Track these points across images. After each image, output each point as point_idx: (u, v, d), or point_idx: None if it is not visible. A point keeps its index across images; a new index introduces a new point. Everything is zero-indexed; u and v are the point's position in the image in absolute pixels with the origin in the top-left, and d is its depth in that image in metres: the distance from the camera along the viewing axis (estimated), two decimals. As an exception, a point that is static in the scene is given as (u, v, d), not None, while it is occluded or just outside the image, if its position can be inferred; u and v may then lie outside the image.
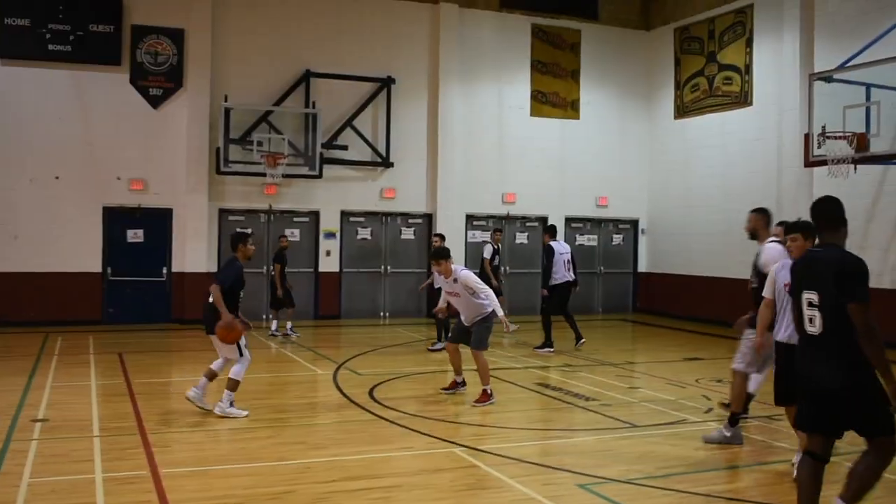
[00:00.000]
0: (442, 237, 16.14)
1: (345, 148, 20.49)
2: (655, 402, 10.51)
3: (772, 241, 8.20)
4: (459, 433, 8.88)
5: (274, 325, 17.21)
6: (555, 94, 22.82)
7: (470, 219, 21.99)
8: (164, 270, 19.07)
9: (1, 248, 17.94)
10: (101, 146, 18.76)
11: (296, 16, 20.24)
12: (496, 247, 17.05)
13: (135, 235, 18.90)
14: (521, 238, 22.60)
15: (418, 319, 20.78)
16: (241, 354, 9.47)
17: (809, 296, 5.43)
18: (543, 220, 22.58)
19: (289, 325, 17.06)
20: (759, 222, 8.42)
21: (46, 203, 18.27)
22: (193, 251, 19.02)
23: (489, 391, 10.35)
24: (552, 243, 15.93)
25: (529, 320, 21.34)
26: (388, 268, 21.14)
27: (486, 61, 22.01)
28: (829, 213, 5.58)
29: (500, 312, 10.38)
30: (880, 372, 5.20)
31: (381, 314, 21.15)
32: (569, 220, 22.92)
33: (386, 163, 20.88)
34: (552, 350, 15.20)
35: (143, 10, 19.10)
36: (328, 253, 20.38)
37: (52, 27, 18.41)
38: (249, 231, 10.24)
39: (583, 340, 15.66)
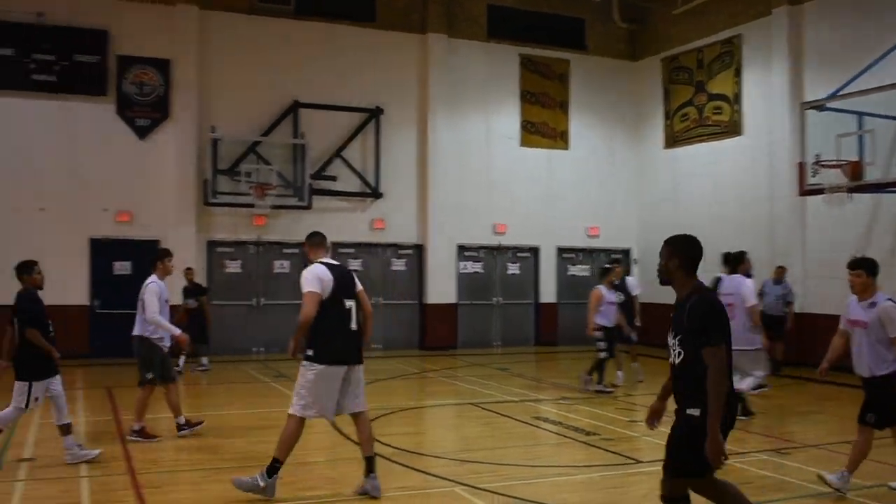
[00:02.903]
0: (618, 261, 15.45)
1: (334, 178, 20.33)
2: (658, 437, 10.27)
3: (315, 263, 7.67)
4: (458, 471, 8.60)
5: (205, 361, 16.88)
6: (544, 123, 22.77)
7: (461, 249, 21.81)
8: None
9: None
10: (87, 177, 18.54)
11: (283, 46, 20.11)
12: (617, 281, 14.93)
13: (122, 267, 18.62)
14: (513, 269, 22.42)
15: (410, 352, 20.55)
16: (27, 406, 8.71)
17: None
18: (535, 250, 22.47)
19: (182, 360, 16.22)
20: (306, 248, 8.02)
21: (31, 235, 17.89)
22: (182, 283, 18.68)
23: None
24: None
25: (522, 351, 21.26)
26: (380, 299, 20.91)
27: (474, 91, 21.95)
28: None
29: None
30: None
31: (373, 346, 20.88)
32: (560, 251, 22.81)
33: (375, 193, 20.72)
34: None
35: (129, 39, 18.95)
36: (317, 285, 20.10)
37: (36, 57, 18.26)
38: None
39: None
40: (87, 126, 18.60)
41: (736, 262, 11.65)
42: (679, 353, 5.17)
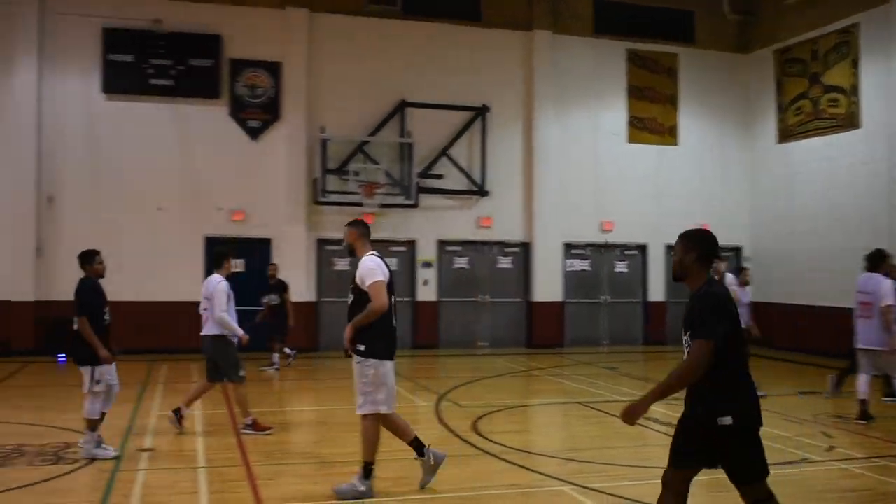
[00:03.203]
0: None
1: (440, 177, 20.45)
2: (772, 440, 9.99)
3: (370, 255, 7.54)
4: (567, 470, 8.56)
5: (288, 350, 17.07)
6: (652, 119, 22.41)
7: (568, 247, 21.66)
8: (265, 300, 19.12)
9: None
10: (201, 178, 19.15)
11: (390, 46, 20.34)
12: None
13: (235, 265, 19.05)
14: (621, 267, 22.17)
15: (517, 350, 20.54)
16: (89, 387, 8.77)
17: None
18: (642, 247, 22.17)
19: (276, 357, 16.59)
20: (353, 235, 7.77)
21: (149, 233, 18.69)
22: (293, 280, 18.99)
23: None
24: None
25: (630, 350, 21.03)
26: (487, 297, 20.94)
27: (580, 87, 21.76)
28: None
29: None
30: None
31: (479, 344, 20.93)
32: (669, 248, 22.42)
33: (482, 191, 20.77)
34: None
35: (241, 44, 19.48)
36: (426, 282, 20.32)
37: (154, 62, 18.93)
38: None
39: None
40: (201, 128, 19.22)
41: (875, 260, 11.34)
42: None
